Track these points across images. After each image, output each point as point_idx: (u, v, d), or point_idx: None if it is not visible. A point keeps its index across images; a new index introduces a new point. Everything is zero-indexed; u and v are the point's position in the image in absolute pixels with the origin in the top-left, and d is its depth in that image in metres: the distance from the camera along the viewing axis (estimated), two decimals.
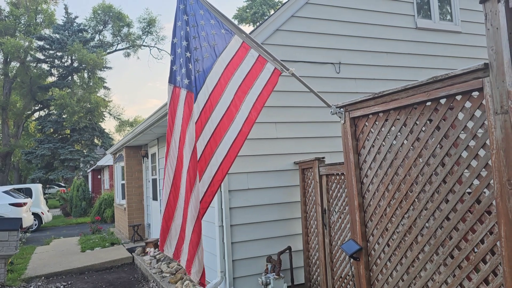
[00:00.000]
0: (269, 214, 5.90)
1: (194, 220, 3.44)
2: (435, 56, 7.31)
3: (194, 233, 3.45)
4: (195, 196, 3.40)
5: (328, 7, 6.60)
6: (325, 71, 6.51)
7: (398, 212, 3.15)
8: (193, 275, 3.55)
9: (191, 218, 3.46)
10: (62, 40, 33.83)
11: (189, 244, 3.50)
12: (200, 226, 3.50)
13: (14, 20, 35.30)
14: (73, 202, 22.44)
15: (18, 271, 9.26)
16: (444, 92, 2.67)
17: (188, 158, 3.35)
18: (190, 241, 3.48)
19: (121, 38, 40.19)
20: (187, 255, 3.54)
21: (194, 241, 3.46)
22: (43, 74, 36.24)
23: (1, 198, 14.34)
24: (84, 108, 31.45)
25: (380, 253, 3.35)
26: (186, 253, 3.56)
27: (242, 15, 43.80)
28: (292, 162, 6.10)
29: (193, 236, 3.46)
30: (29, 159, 31.48)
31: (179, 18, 3.36)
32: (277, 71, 3.38)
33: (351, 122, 3.54)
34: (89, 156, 32.03)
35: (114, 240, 12.38)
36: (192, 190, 3.39)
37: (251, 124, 3.31)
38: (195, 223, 3.45)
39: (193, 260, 3.35)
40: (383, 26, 6.96)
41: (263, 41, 6.08)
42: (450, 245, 2.75)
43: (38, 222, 17.66)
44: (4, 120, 35.53)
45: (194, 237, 3.46)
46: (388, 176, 3.22)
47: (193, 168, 3.35)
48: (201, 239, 3.53)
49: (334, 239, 5.16)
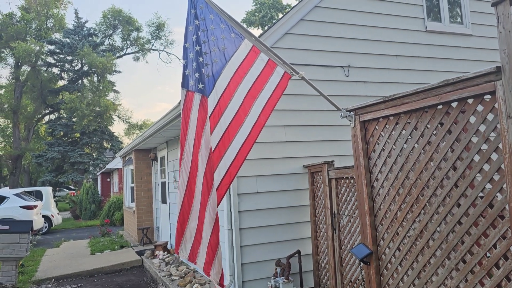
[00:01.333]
0: (278, 218, 5.89)
1: (213, 222, 3.46)
2: (445, 59, 7.27)
3: (213, 235, 3.48)
4: (212, 199, 3.41)
5: (337, 11, 6.60)
6: (335, 74, 6.50)
7: (409, 216, 3.13)
8: (212, 277, 3.57)
9: (209, 220, 3.47)
10: (72, 44, 34.20)
11: (208, 247, 3.52)
12: (218, 228, 3.54)
13: (25, 25, 35.75)
14: (83, 205, 22.60)
15: (28, 273, 9.34)
16: (455, 95, 2.65)
17: (204, 162, 3.37)
18: (209, 243, 3.50)
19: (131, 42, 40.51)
20: (205, 257, 3.56)
21: (213, 243, 3.49)
22: (53, 78, 36.65)
23: (12, 201, 14.48)
24: (94, 111, 31.71)
25: (390, 257, 3.33)
26: (204, 255, 3.58)
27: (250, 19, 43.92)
28: (301, 165, 6.09)
29: (212, 238, 3.49)
30: (39, 162, 31.79)
31: (191, 23, 3.38)
32: (287, 75, 3.39)
33: (361, 125, 3.53)
34: (99, 159, 32.26)
35: (123, 243, 12.43)
36: (210, 193, 3.41)
37: (259, 128, 3.31)
38: (214, 225, 3.48)
39: (213, 262, 3.38)
40: (392, 29, 6.94)
41: (272, 44, 6.09)
42: (462, 250, 2.72)
43: (48, 225, 17.80)
44: (15, 123, 35.94)
45: (213, 239, 3.49)
46: (399, 180, 3.20)
47: (210, 172, 3.37)
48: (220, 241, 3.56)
49: (343, 243, 5.13)
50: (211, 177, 3.30)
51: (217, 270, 3.40)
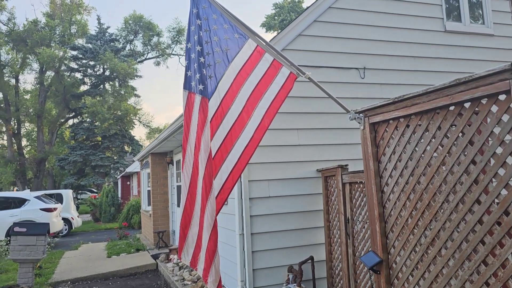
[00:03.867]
0: (290, 223, 5.77)
1: (211, 228, 3.35)
2: (465, 60, 7.02)
3: (210, 241, 3.36)
4: (210, 203, 3.31)
5: (352, 11, 6.45)
6: (350, 76, 6.34)
7: (420, 223, 2.97)
8: (209, 284, 3.46)
9: (207, 226, 3.37)
10: (94, 50, 34.81)
11: (206, 253, 3.41)
12: (216, 234, 3.40)
13: (49, 31, 36.63)
14: (103, 207, 22.87)
15: (45, 275, 9.43)
16: (468, 95, 2.49)
17: (203, 165, 3.27)
18: (207, 249, 3.38)
19: (151, 47, 41.05)
20: (204, 263, 3.46)
21: (210, 249, 3.37)
22: (76, 82, 37.40)
23: (33, 203, 14.71)
24: (115, 115, 32.15)
25: (401, 266, 3.17)
26: (203, 261, 3.47)
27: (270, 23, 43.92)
28: (315, 169, 5.95)
29: (210, 244, 3.36)
30: (62, 165, 32.38)
31: (192, 23, 3.30)
32: (292, 76, 3.27)
33: (371, 128, 3.38)
34: (119, 162, 32.66)
35: (140, 246, 12.47)
36: (208, 198, 3.30)
37: (263, 131, 3.20)
38: (212, 231, 3.35)
39: (210, 269, 3.26)
40: (409, 29, 6.75)
41: (285, 46, 5.99)
42: (477, 260, 2.55)
43: (68, 227, 18.05)
44: (39, 127, 36.78)
45: (210, 245, 3.36)
46: (410, 185, 3.05)
47: (209, 175, 3.27)
48: (217, 248, 3.43)
49: (357, 249, 4.97)
50: (210, 181, 3.20)
51: (214, 278, 3.28)
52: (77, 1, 39.53)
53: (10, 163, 35.07)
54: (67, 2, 38.75)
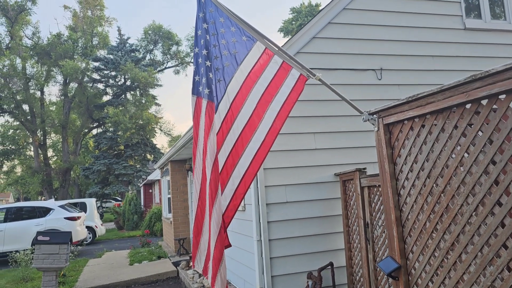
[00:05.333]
0: (309, 228, 5.66)
1: (216, 235, 3.27)
2: (487, 58, 6.79)
3: (216, 249, 3.27)
4: (216, 210, 3.24)
5: (367, 12, 6.34)
6: (366, 78, 6.22)
7: (439, 227, 2.84)
8: None
9: (213, 233, 3.30)
10: (115, 60, 35.43)
11: (212, 261, 3.33)
12: (222, 242, 3.31)
13: (72, 44, 37.53)
14: (126, 215, 23.11)
15: (69, 283, 9.55)
16: (485, 92, 2.37)
17: (209, 170, 3.22)
18: (213, 257, 3.31)
19: (171, 56, 41.53)
20: (212, 271, 3.39)
21: (216, 257, 3.28)
22: (98, 93, 38.13)
23: (57, 212, 14.97)
24: (137, 124, 32.60)
25: (421, 272, 3.04)
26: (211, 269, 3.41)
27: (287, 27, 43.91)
28: (332, 173, 5.84)
29: (216, 252, 3.28)
30: (86, 174, 32.95)
31: (199, 27, 3.27)
32: (302, 77, 3.20)
33: (385, 129, 3.27)
34: (142, 171, 33.03)
35: (161, 253, 12.52)
36: (214, 204, 3.23)
37: (275, 134, 3.13)
38: (217, 238, 3.27)
39: (216, 278, 3.18)
40: (427, 28, 6.58)
41: (300, 49, 5.92)
42: (499, 265, 2.41)
43: (92, 236, 18.30)
44: (64, 138, 37.60)
45: (216, 253, 3.28)
46: (427, 187, 2.92)
47: (215, 181, 3.20)
48: (224, 256, 3.35)
49: (378, 254, 4.84)
50: (216, 187, 3.13)
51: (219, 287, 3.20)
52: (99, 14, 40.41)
53: (37, 174, 35.93)
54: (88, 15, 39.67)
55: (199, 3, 3.32)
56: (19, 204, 15.84)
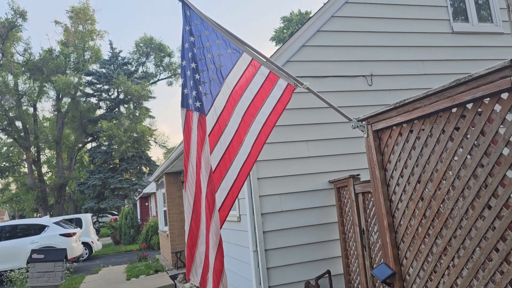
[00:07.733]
0: (305, 237, 5.64)
1: (216, 247, 3.28)
2: (475, 61, 6.84)
3: (217, 260, 3.28)
4: (215, 222, 3.25)
5: (356, 19, 6.38)
6: (357, 84, 6.24)
7: (431, 232, 2.84)
8: None
9: (213, 245, 3.30)
10: (108, 74, 35.43)
11: (213, 273, 3.33)
12: (222, 254, 3.33)
13: (64, 59, 37.50)
14: (122, 230, 22.93)
15: None
16: (469, 95, 2.38)
17: (205, 182, 3.22)
18: (214, 269, 3.31)
19: (163, 68, 41.58)
20: (212, 284, 3.38)
21: (217, 269, 3.29)
22: (92, 107, 38.03)
23: (52, 229, 14.84)
24: (131, 137, 32.51)
25: (415, 278, 3.03)
26: (211, 281, 3.40)
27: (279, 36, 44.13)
28: (327, 181, 5.83)
29: (216, 264, 3.29)
30: (81, 189, 32.76)
31: (186, 40, 3.28)
32: (290, 87, 3.21)
33: (375, 135, 3.28)
34: (137, 184, 32.88)
35: (159, 267, 12.42)
36: (212, 216, 3.24)
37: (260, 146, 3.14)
38: (217, 250, 3.28)
39: None
40: (416, 33, 6.63)
41: (289, 58, 5.93)
42: (491, 269, 2.41)
43: (88, 251, 18.13)
44: (58, 153, 37.41)
45: (217, 265, 3.29)
46: (417, 192, 2.93)
47: (211, 194, 3.21)
48: (224, 267, 3.35)
49: (374, 261, 4.82)
50: (213, 199, 3.14)
51: None
52: (90, 28, 40.46)
53: (32, 190, 35.66)
54: (80, 30, 39.72)
55: (185, 16, 3.33)
56: (14, 222, 15.71)
